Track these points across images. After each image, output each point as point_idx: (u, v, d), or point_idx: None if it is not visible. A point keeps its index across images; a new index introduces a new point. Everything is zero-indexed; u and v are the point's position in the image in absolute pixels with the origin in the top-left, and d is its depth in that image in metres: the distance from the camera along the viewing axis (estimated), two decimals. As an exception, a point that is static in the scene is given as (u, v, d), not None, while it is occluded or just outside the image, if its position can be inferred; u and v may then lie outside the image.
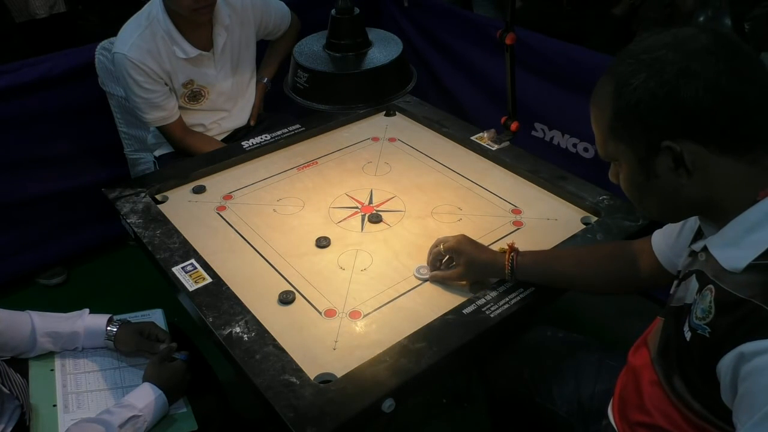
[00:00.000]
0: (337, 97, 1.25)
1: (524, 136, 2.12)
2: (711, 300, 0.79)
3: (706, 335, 0.78)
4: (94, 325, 1.31)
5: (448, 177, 1.63)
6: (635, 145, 0.80)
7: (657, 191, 0.82)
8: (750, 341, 0.70)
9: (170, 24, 1.78)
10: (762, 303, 0.71)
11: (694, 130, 0.75)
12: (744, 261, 0.76)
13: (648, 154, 0.79)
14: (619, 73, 0.78)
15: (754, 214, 0.78)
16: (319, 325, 1.20)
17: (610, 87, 0.80)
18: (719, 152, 0.76)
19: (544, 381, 1.22)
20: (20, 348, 1.27)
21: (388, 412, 1.04)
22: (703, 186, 0.79)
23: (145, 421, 1.15)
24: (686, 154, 0.76)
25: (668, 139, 0.76)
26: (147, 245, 1.37)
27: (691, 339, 0.81)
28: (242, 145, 1.75)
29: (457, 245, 1.24)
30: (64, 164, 2.14)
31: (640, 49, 0.78)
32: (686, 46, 0.75)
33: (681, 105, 0.74)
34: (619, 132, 0.80)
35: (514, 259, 1.21)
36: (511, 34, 1.53)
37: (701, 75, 0.73)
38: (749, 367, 0.70)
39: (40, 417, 1.20)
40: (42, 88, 1.98)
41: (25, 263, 2.20)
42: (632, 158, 0.81)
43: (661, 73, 0.74)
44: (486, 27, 2.29)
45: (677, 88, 0.73)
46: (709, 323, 0.78)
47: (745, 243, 0.77)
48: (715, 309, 0.78)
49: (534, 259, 1.22)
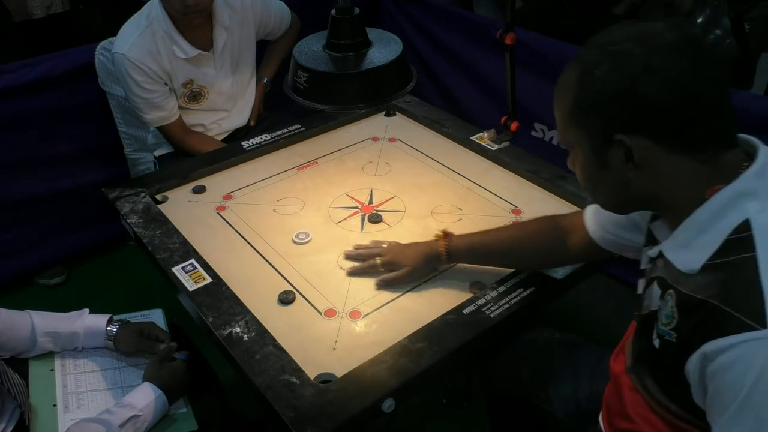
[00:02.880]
0: (337, 97, 1.25)
1: (524, 136, 2.12)
2: (673, 305, 0.79)
3: (673, 340, 0.78)
4: (94, 325, 1.31)
5: (448, 177, 1.63)
6: (591, 135, 0.80)
7: (608, 182, 0.83)
8: (711, 340, 0.71)
9: (170, 24, 1.78)
10: (719, 302, 0.72)
11: (648, 126, 0.76)
12: (698, 262, 0.76)
13: (602, 144, 0.79)
14: (584, 62, 0.79)
15: (702, 214, 0.77)
16: (319, 325, 1.20)
17: (574, 74, 0.80)
18: (670, 150, 0.76)
19: (542, 383, 1.22)
20: (20, 347, 1.27)
21: (388, 412, 1.04)
22: (650, 181, 0.79)
23: (145, 421, 1.14)
24: (636, 149, 0.77)
25: (621, 133, 0.77)
26: (147, 245, 1.37)
27: (660, 346, 0.81)
28: (242, 145, 1.75)
29: (393, 259, 1.28)
30: (64, 164, 2.14)
31: (607, 40, 0.78)
32: (651, 41, 0.75)
33: (638, 100, 0.74)
34: (577, 120, 0.81)
35: (448, 245, 1.25)
36: (511, 34, 1.53)
37: (661, 72, 0.73)
38: (714, 366, 0.71)
39: (40, 417, 1.20)
40: (42, 88, 1.97)
41: (25, 263, 2.20)
42: (587, 147, 0.82)
43: (623, 66, 0.75)
44: (486, 27, 2.29)
45: (636, 83, 0.74)
46: (674, 328, 0.78)
47: (696, 244, 0.78)
48: (677, 313, 0.78)
49: (465, 241, 1.26)
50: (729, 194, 0.76)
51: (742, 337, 0.68)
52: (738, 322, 0.69)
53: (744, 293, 0.70)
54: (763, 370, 0.67)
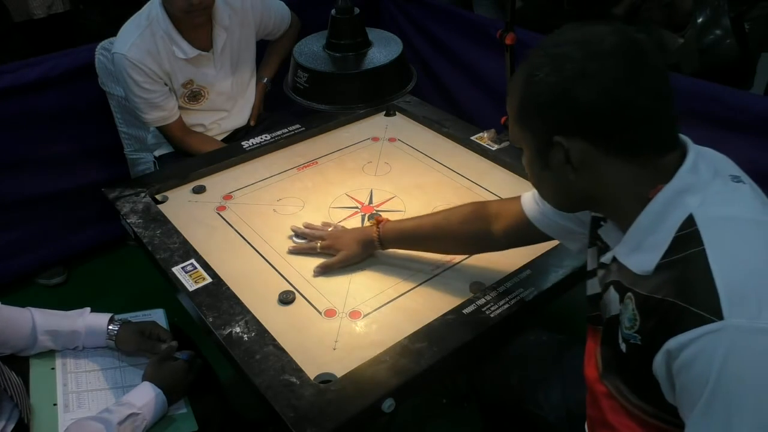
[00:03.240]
0: (337, 97, 1.25)
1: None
2: (633, 307, 0.79)
3: (639, 342, 0.79)
4: (95, 324, 1.30)
5: (448, 177, 1.63)
6: (535, 135, 0.82)
7: (551, 182, 0.86)
8: (672, 337, 0.72)
9: (170, 24, 1.78)
10: (675, 299, 0.72)
11: (585, 130, 0.77)
12: (651, 263, 0.77)
13: (544, 145, 0.81)
14: (530, 63, 0.80)
15: (648, 215, 0.79)
16: (319, 325, 1.20)
17: (522, 75, 0.81)
18: (607, 153, 0.77)
19: (531, 387, 1.21)
20: (20, 345, 1.27)
21: (388, 412, 1.04)
22: (590, 183, 0.81)
23: (144, 420, 1.14)
24: (573, 152, 0.78)
25: (560, 135, 0.78)
26: (147, 245, 1.37)
27: (627, 350, 0.81)
28: (242, 145, 1.75)
29: (331, 242, 1.34)
30: (64, 164, 2.14)
31: (552, 43, 0.79)
32: (591, 46, 0.76)
33: (574, 104, 0.75)
34: (523, 120, 0.83)
35: (379, 231, 1.29)
36: (511, 34, 1.53)
37: (596, 78, 0.74)
38: (678, 363, 0.71)
39: (40, 416, 1.20)
40: (42, 88, 1.97)
41: (25, 263, 2.20)
42: (532, 147, 0.84)
43: (561, 69, 0.76)
44: (486, 27, 2.29)
45: (571, 87, 0.75)
46: (637, 330, 0.78)
47: (647, 245, 0.78)
48: (639, 315, 0.78)
49: (396, 227, 1.30)
50: (669, 193, 0.77)
51: (700, 330, 0.69)
52: (695, 317, 0.70)
53: (698, 287, 0.71)
54: (724, 360, 0.68)
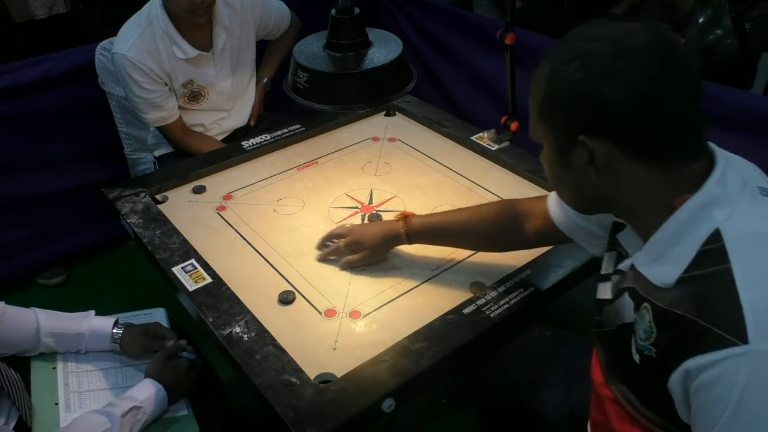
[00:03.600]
0: (337, 97, 1.25)
1: (523, 136, 2.11)
2: (650, 319, 0.77)
3: (654, 356, 0.76)
4: (100, 327, 1.30)
5: (448, 177, 1.63)
6: (557, 133, 0.79)
7: (571, 182, 0.83)
8: (692, 358, 0.69)
9: (170, 24, 1.78)
10: (696, 317, 0.70)
11: (611, 130, 0.74)
12: (672, 276, 0.74)
13: (567, 144, 0.78)
14: (556, 57, 0.77)
15: (672, 225, 0.76)
16: (319, 325, 1.20)
17: (546, 70, 0.78)
18: (632, 156, 0.75)
19: (533, 386, 1.20)
20: (23, 346, 1.27)
21: (388, 412, 1.04)
22: (613, 186, 0.78)
23: (145, 413, 1.15)
24: (597, 153, 0.75)
25: (584, 134, 0.75)
26: (147, 245, 1.37)
27: (641, 361, 0.79)
28: (242, 145, 1.75)
29: (354, 240, 1.31)
30: (64, 164, 2.14)
31: (580, 37, 0.77)
32: (621, 43, 0.73)
33: (601, 103, 0.72)
34: (546, 116, 0.80)
35: (408, 225, 1.27)
36: (511, 34, 1.53)
37: (626, 76, 0.71)
38: (696, 384, 0.69)
39: (42, 415, 1.20)
40: (42, 88, 1.98)
41: (25, 263, 2.20)
42: (553, 145, 0.81)
43: (591, 66, 0.73)
44: (486, 27, 2.29)
45: (600, 85, 0.72)
46: (653, 343, 0.76)
47: (669, 257, 0.75)
48: (656, 328, 0.76)
49: (424, 222, 1.29)
50: (696, 204, 0.74)
51: (723, 353, 0.67)
52: (718, 338, 0.67)
53: (722, 307, 0.68)
54: (746, 385, 0.65)
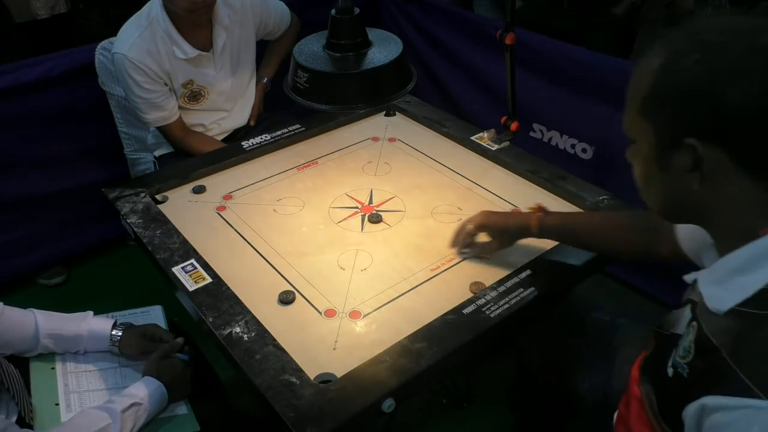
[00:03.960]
0: (337, 97, 1.25)
1: (522, 137, 2.12)
2: (692, 339, 0.74)
3: (685, 375, 0.74)
4: (99, 329, 1.30)
5: (448, 177, 1.63)
6: (660, 131, 0.71)
7: (664, 186, 0.75)
8: (712, 395, 0.67)
9: (170, 24, 1.78)
10: (728, 356, 0.67)
11: (726, 137, 0.66)
12: (726, 304, 0.70)
13: (669, 144, 0.70)
14: (671, 48, 0.69)
15: (746, 253, 0.71)
16: (319, 325, 1.20)
17: (658, 60, 0.70)
18: (743, 169, 0.67)
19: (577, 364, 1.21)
20: (22, 347, 1.27)
21: (388, 412, 1.04)
22: (710, 197, 0.72)
23: (146, 410, 1.16)
24: (707, 161, 0.68)
25: (694, 137, 0.67)
26: (147, 245, 1.37)
27: (673, 376, 0.77)
28: (242, 145, 1.75)
29: (483, 221, 1.29)
30: (64, 164, 2.14)
31: (705, 27, 0.68)
32: (755, 39, 0.64)
33: (720, 105, 0.64)
34: (648, 111, 0.72)
35: (541, 220, 1.24)
36: (511, 34, 1.53)
37: (754, 78, 0.63)
38: (710, 421, 0.67)
39: (42, 416, 1.20)
40: (42, 88, 1.98)
41: (25, 263, 2.20)
42: (652, 143, 0.73)
43: (715, 61, 0.65)
44: (486, 27, 2.29)
45: (724, 85, 0.64)
46: (688, 363, 0.74)
47: (732, 285, 0.71)
48: (694, 349, 0.73)
49: (559, 221, 1.26)
50: None
51: (742, 402, 0.64)
52: (741, 385, 0.64)
53: (758, 356, 0.65)
54: None
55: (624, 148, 0.81)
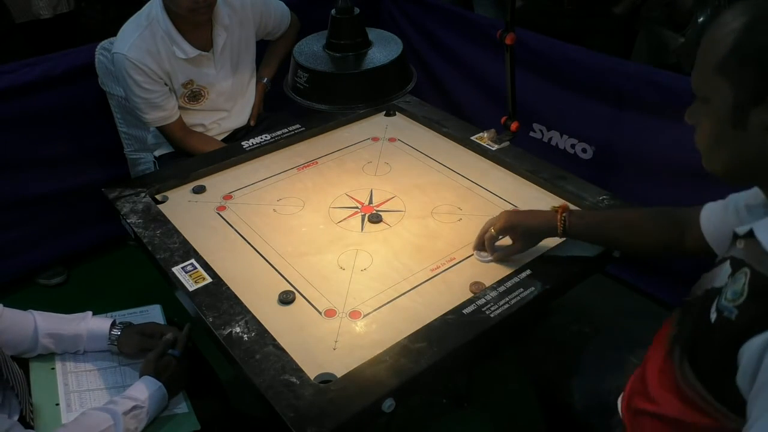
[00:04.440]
0: (337, 97, 1.25)
1: (522, 136, 2.12)
2: (745, 283, 0.76)
3: (733, 318, 0.75)
4: (97, 328, 1.31)
5: (448, 177, 1.63)
6: (739, 88, 0.75)
7: (736, 145, 0.78)
8: None
9: (170, 24, 1.78)
10: None
11: None
12: None
13: (748, 102, 0.74)
14: (757, 9, 0.73)
15: None
16: (319, 325, 1.20)
17: (739, 20, 0.74)
18: None
19: (566, 374, 1.22)
20: (21, 348, 1.27)
21: (388, 412, 1.04)
22: None
23: (147, 412, 1.16)
24: None
25: None
26: (147, 245, 1.37)
27: (716, 321, 0.78)
28: (242, 145, 1.75)
29: (507, 223, 1.27)
30: (64, 164, 2.14)
31: None
32: None
33: None
34: (728, 69, 0.75)
35: (567, 219, 1.24)
36: (511, 34, 1.53)
37: None
38: None
39: (43, 416, 1.20)
40: (42, 88, 1.98)
41: (25, 263, 2.20)
42: (728, 101, 0.76)
43: None
44: (486, 27, 2.29)
45: None
46: (738, 306, 0.75)
47: None
48: (747, 292, 0.75)
49: (585, 219, 1.25)
50: None
51: None
52: None
53: None
54: None
55: (625, 148, 0.83)
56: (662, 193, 1.90)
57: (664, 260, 1.24)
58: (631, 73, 1.91)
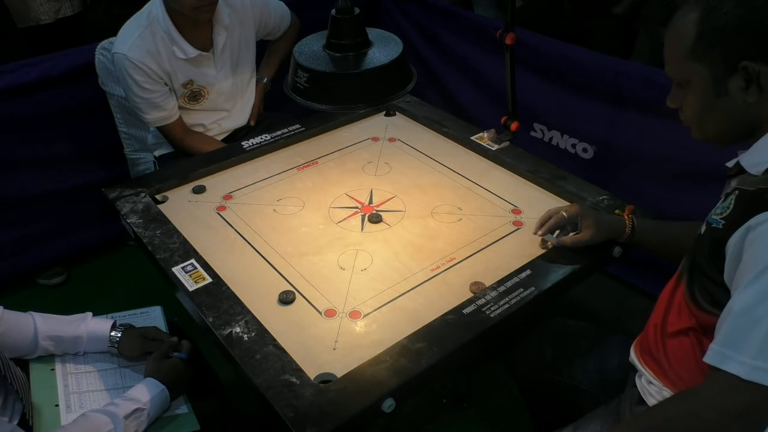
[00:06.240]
0: (337, 97, 1.24)
1: (523, 136, 2.12)
2: (732, 199, 0.89)
3: (720, 227, 0.89)
4: (98, 330, 1.30)
5: (448, 177, 1.63)
6: (713, 65, 0.90)
7: (723, 109, 0.93)
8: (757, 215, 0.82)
9: (170, 24, 1.78)
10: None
11: None
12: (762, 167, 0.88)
13: (724, 73, 0.89)
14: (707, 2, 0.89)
15: None
16: (319, 325, 1.20)
17: (695, 13, 0.90)
18: None
19: (566, 359, 1.25)
20: (21, 350, 1.27)
21: (388, 412, 1.04)
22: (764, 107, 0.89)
23: (148, 415, 1.15)
24: (762, 75, 0.87)
25: (747, 60, 0.87)
26: (147, 245, 1.37)
27: (704, 232, 0.93)
28: (242, 145, 1.75)
29: (580, 210, 1.31)
30: (64, 164, 2.15)
31: None
32: None
33: (764, 30, 0.85)
34: (699, 53, 0.91)
35: (634, 221, 1.29)
36: (511, 34, 1.53)
37: None
38: (754, 234, 0.81)
39: (43, 417, 1.20)
40: (42, 88, 1.98)
41: (25, 263, 2.21)
42: (707, 78, 0.91)
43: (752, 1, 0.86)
44: (486, 27, 2.29)
45: (763, 16, 0.85)
46: (724, 217, 0.89)
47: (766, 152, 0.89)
48: (734, 205, 0.88)
49: (652, 223, 1.31)
50: None
51: None
52: None
53: None
54: None
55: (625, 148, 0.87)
56: (662, 193, 1.90)
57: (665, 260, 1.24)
58: (631, 73, 1.91)
